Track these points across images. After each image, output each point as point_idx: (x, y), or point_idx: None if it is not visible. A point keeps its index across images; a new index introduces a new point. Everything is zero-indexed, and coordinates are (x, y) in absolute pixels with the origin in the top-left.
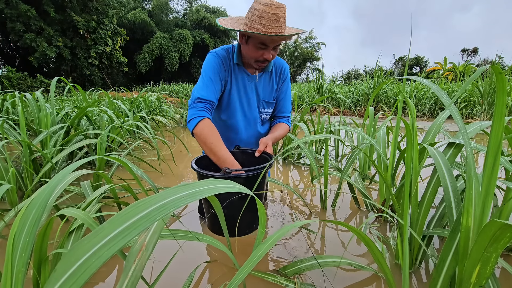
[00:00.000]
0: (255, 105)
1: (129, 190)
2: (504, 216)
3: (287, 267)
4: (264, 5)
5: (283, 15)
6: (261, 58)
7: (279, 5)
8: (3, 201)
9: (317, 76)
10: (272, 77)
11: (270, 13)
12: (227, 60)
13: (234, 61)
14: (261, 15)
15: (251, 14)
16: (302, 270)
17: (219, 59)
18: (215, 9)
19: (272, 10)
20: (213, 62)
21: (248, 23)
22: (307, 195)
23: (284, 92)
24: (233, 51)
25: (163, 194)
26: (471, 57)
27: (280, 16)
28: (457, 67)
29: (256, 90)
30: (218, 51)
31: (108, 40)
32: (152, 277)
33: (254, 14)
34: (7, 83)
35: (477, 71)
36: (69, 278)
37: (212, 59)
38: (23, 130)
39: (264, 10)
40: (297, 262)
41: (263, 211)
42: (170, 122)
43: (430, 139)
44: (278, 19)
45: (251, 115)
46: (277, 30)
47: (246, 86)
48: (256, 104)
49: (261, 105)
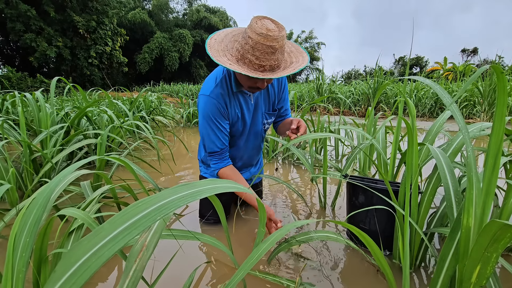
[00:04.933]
0: (258, 120)
1: (129, 190)
2: (504, 216)
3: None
4: (259, 35)
5: (281, 45)
6: (255, 85)
7: (275, 35)
8: (3, 201)
9: (317, 76)
10: (270, 89)
11: (265, 45)
12: (225, 96)
13: (234, 90)
14: (254, 45)
15: (244, 42)
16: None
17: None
18: (215, 9)
19: (267, 42)
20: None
21: (241, 50)
22: (307, 195)
23: (285, 99)
24: (230, 79)
25: (163, 194)
26: (471, 57)
27: (277, 48)
28: (457, 67)
29: (257, 105)
30: (212, 92)
31: (108, 40)
32: (152, 277)
33: (247, 42)
34: (7, 83)
35: (477, 71)
36: (69, 278)
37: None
38: (23, 130)
39: (258, 41)
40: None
41: (263, 210)
42: (170, 122)
43: (431, 139)
44: (274, 51)
45: (257, 130)
46: (272, 63)
47: (249, 105)
48: (259, 118)
49: (264, 117)
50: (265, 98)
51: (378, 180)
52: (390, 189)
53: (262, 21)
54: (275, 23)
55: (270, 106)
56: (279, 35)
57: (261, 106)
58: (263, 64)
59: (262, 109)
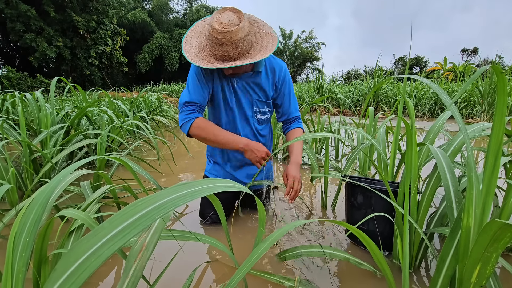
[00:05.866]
0: (246, 105)
1: (129, 190)
2: (504, 216)
3: (287, 251)
4: (210, 26)
5: (227, 39)
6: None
7: (223, 30)
8: (3, 201)
9: (317, 76)
10: (262, 77)
11: (212, 36)
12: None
13: None
14: (208, 36)
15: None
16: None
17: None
18: (215, 9)
19: (214, 34)
20: (194, 70)
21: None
22: (307, 195)
23: (287, 94)
24: None
25: (163, 193)
26: (471, 57)
27: (223, 41)
28: (457, 67)
29: (246, 89)
30: None
31: (108, 40)
32: (152, 277)
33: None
34: (7, 83)
35: (477, 71)
36: (68, 277)
37: (193, 68)
38: (23, 130)
39: (209, 32)
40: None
41: (262, 210)
42: (170, 122)
43: (431, 139)
44: (221, 43)
45: (243, 114)
46: (222, 54)
47: (235, 86)
48: (247, 103)
49: (254, 104)
50: (256, 84)
51: (377, 180)
52: (389, 189)
53: (221, 13)
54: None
55: (262, 94)
56: (226, 30)
57: (251, 91)
58: (214, 52)
59: (252, 95)
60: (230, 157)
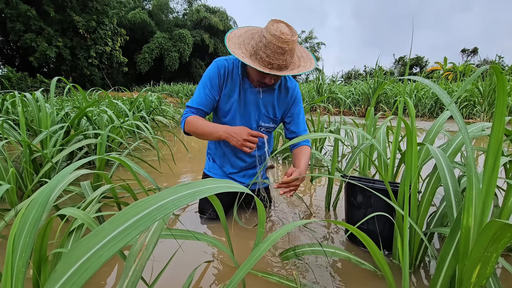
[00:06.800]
0: (253, 117)
1: (129, 190)
2: (504, 216)
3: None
4: (272, 35)
5: (290, 47)
6: (262, 81)
7: (287, 38)
8: (3, 201)
9: (317, 76)
10: (275, 95)
11: (276, 45)
12: (227, 69)
13: (239, 73)
14: (267, 44)
15: (259, 40)
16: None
17: (216, 68)
18: (215, 9)
19: (278, 43)
20: (210, 70)
21: (255, 47)
22: (307, 195)
23: (296, 114)
24: (239, 64)
25: (163, 194)
26: (471, 57)
27: (286, 50)
28: (457, 67)
29: (257, 104)
30: (220, 60)
31: (108, 40)
32: (152, 277)
33: (261, 41)
34: (7, 83)
35: (477, 71)
36: (69, 278)
37: (210, 67)
38: (23, 130)
39: (270, 41)
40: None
41: (262, 210)
42: (170, 122)
43: (431, 139)
44: (283, 52)
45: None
46: (280, 62)
47: (247, 97)
48: (254, 116)
49: (261, 119)
50: (268, 101)
51: (377, 180)
52: (389, 189)
53: (278, 24)
54: (289, 28)
55: (271, 110)
56: (291, 39)
57: (261, 106)
58: (272, 62)
59: (262, 109)
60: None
